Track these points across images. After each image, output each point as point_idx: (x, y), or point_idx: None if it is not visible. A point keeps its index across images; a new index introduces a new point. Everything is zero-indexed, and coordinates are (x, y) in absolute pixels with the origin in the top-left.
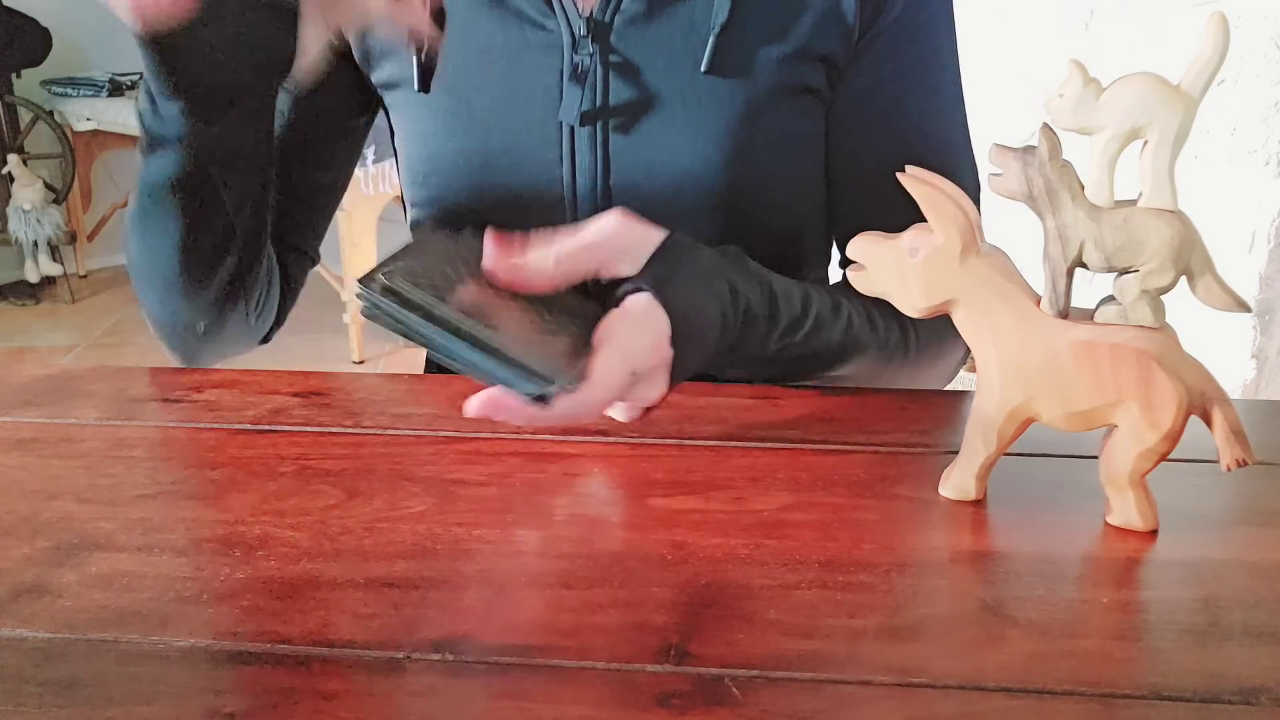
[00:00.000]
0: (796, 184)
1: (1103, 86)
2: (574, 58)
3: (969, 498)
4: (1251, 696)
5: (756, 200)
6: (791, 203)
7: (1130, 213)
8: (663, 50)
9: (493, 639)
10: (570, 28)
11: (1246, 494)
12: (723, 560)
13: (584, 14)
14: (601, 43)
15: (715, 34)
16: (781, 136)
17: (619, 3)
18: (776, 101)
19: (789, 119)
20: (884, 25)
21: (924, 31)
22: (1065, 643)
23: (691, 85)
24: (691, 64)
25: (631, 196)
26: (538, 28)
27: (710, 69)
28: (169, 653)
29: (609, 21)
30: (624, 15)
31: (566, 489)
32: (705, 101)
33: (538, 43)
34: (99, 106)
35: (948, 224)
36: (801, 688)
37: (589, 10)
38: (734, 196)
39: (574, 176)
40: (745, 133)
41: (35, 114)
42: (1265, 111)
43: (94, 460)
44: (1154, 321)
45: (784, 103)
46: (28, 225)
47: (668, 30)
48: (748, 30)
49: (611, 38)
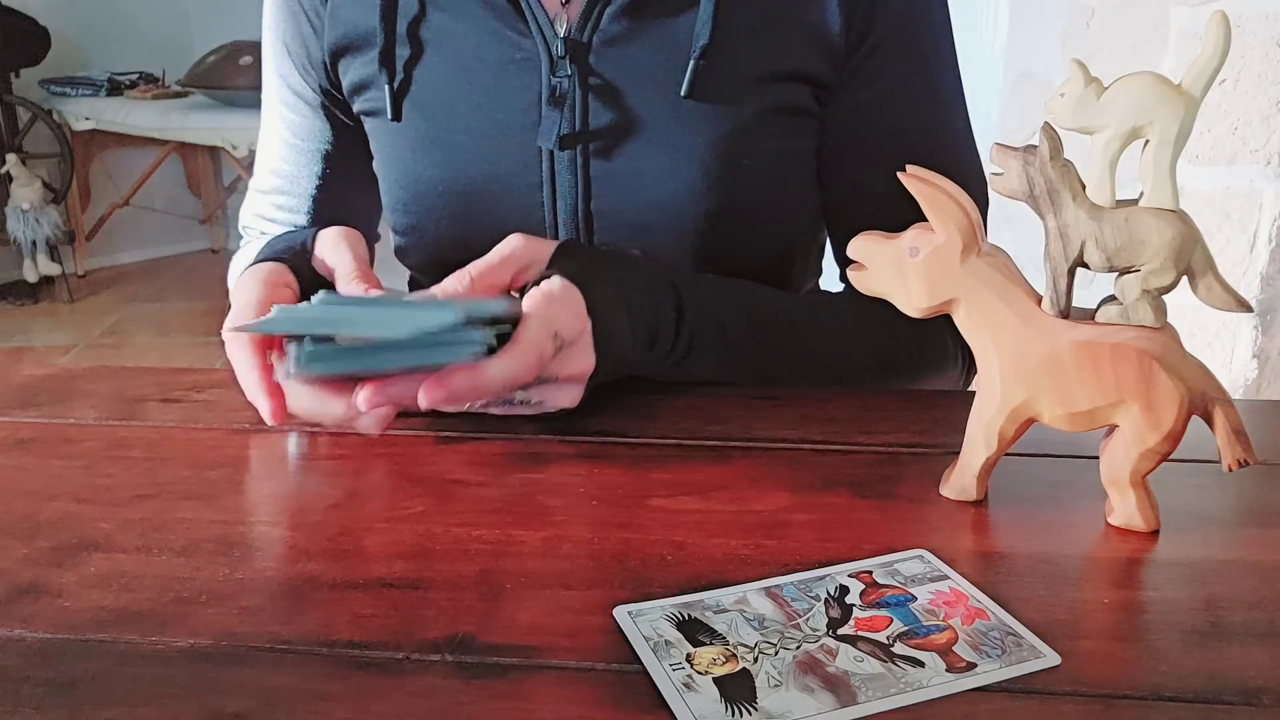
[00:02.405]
0: (784, 203)
1: (1103, 86)
2: (552, 80)
3: (969, 498)
4: (1252, 696)
5: (742, 221)
6: (779, 222)
7: (1131, 212)
8: (643, 72)
9: (493, 639)
10: (548, 48)
11: (1248, 494)
12: (723, 560)
13: (561, 34)
14: (580, 64)
15: (696, 57)
16: (767, 157)
17: (597, 22)
18: (761, 123)
19: (774, 139)
20: (877, 41)
21: (919, 42)
22: (1065, 643)
23: (673, 108)
24: (673, 86)
25: (614, 221)
26: (514, 48)
27: (691, 92)
28: (169, 653)
29: (587, 41)
30: (602, 35)
31: (566, 489)
32: (687, 124)
33: (514, 64)
34: (98, 106)
35: (948, 223)
36: None
37: (567, 30)
38: (719, 218)
39: (554, 201)
40: (729, 155)
41: (34, 114)
42: (1265, 111)
43: (93, 460)
44: (1155, 321)
45: (769, 123)
46: (26, 225)
47: (648, 51)
48: (730, 52)
49: (590, 58)
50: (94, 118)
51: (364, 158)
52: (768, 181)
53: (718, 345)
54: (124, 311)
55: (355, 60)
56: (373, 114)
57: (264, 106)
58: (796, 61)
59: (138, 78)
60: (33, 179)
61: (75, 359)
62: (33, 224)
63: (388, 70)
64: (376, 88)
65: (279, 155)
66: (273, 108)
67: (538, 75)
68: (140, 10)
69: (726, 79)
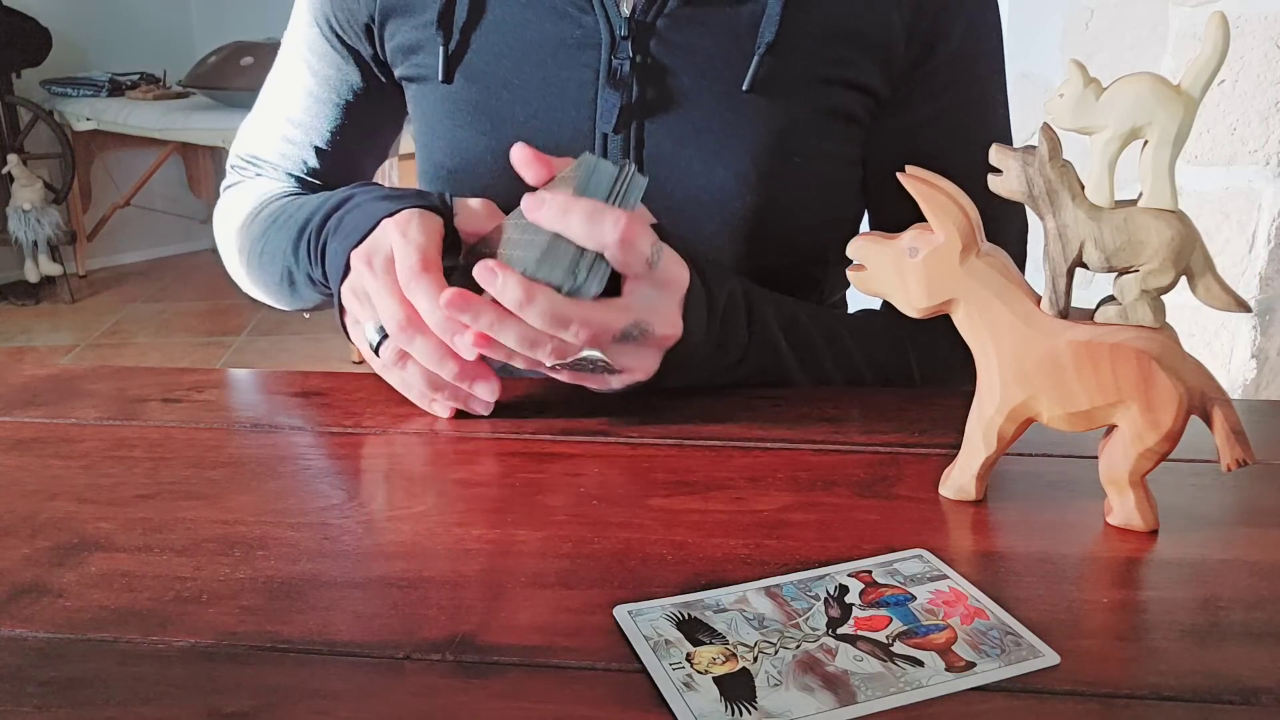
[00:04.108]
0: (827, 204)
1: (1102, 87)
2: (613, 61)
3: (969, 498)
4: (1251, 696)
5: (785, 220)
6: (819, 224)
7: (1130, 213)
8: (704, 60)
9: (493, 639)
10: (610, 26)
11: (1247, 494)
12: (723, 560)
13: (625, 13)
14: (642, 46)
15: (761, 53)
16: (815, 159)
17: (663, 5)
18: (814, 123)
19: (824, 142)
20: (938, 62)
21: (978, 68)
22: (1064, 642)
23: (731, 98)
24: (732, 77)
25: (661, 206)
26: (574, 24)
27: (752, 87)
28: (169, 653)
29: (651, 23)
30: (668, 18)
31: (566, 489)
32: (744, 117)
33: (573, 41)
34: (99, 106)
35: (948, 224)
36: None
37: (631, 9)
38: (763, 214)
39: None
40: (782, 150)
41: (35, 114)
42: (1265, 111)
43: (94, 460)
44: (1154, 321)
45: (821, 125)
46: (27, 225)
47: (711, 39)
48: (792, 52)
49: (652, 42)
50: (95, 118)
51: (384, 124)
52: (814, 181)
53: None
54: (125, 311)
55: (406, 23)
56: (418, 79)
57: (285, 53)
58: (854, 70)
59: (139, 78)
60: (34, 179)
61: (76, 359)
62: (34, 224)
63: (444, 31)
64: (427, 52)
65: (298, 104)
66: (296, 55)
67: (597, 54)
68: (141, 11)
69: (787, 78)
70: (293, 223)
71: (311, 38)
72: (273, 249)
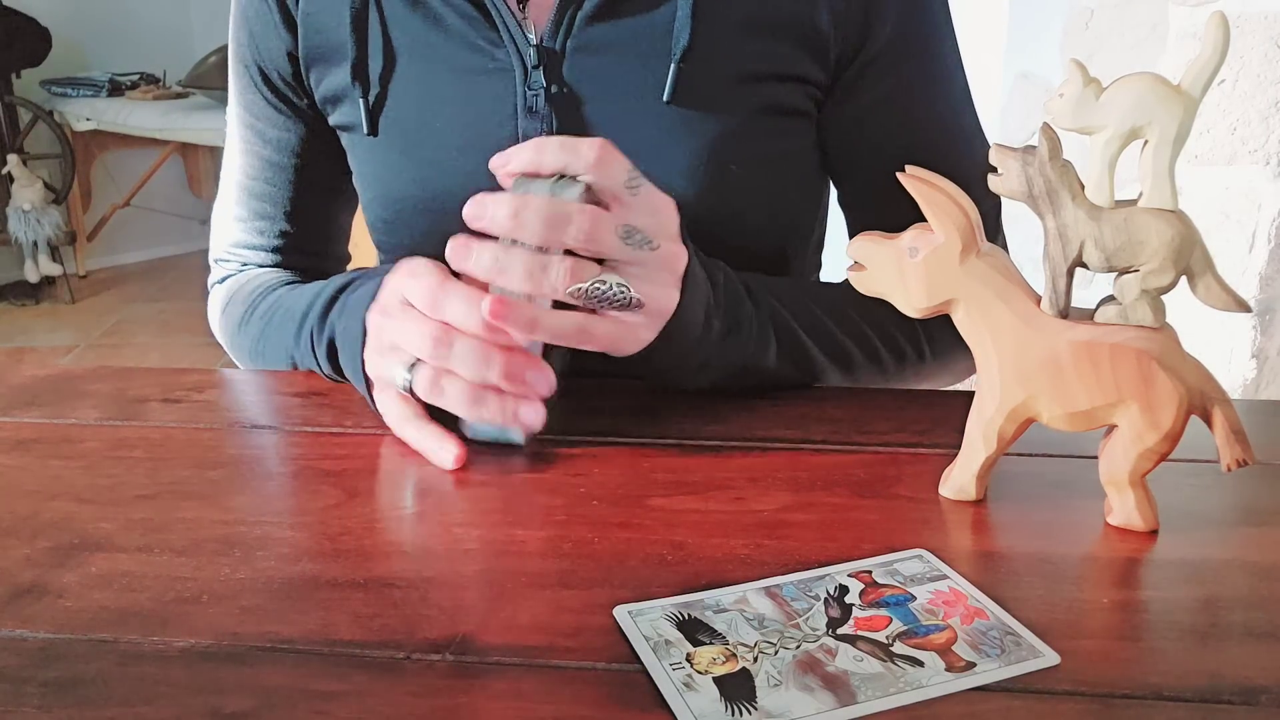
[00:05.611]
0: (775, 207)
1: (1102, 87)
2: (527, 91)
3: (969, 498)
4: (1251, 696)
5: (732, 229)
6: (771, 226)
7: (1130, 212)
8: (621, 79)
9: (493, 639)
10: (520, 57)
11: (1247, 494)
12: (723, 560)
13: (534, 42)
14: (554, 73)
15: (676, 60)
16: (758, 161)
17: (569, 29)
18: (749, 125)
19: (764, 142)
20: (878, 45)
21: (923, 43)
22: (1064, 642)
23: (655, 114)
24: (654, 92)
25: None
26: (488, 57)
27: (673, 97)
28: (169, 653)
29: (560, 49)
30: (576, 42)
31: (566, 489)
32: (671, 131)
33: (487, 73)
34: (99, 106)
35: (948, 224)
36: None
37: (539, 38)
38: (710, 226)
39: None
40: (717, 161)
41: (35, 114)
42: (1265, 111)
43: (94, 460)
44: (1154, 321)
45: (757, 126)
46: (27, 225)
47: (626, 57)
48: (712, 54)
49: (564, 67)
50: (95, 118)
51: (347, 173)
52: (757, 187)
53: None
54: (125, 312)
55: (327, 71)
56: (348, 128)
57: (232, 128)
58: (784, 63)
59: (139, 78)
60: (34, 179)
61: (76, 359)
62: (34, 224)
63: (361, 83)
64: (350, 101)
65: (260, 176)
66: (244, 124)
67: (513, 86)
68: (141, 11)
69: (710, 82)
70: (290, 316)
71: (252, 103)
72: (274, 347)
